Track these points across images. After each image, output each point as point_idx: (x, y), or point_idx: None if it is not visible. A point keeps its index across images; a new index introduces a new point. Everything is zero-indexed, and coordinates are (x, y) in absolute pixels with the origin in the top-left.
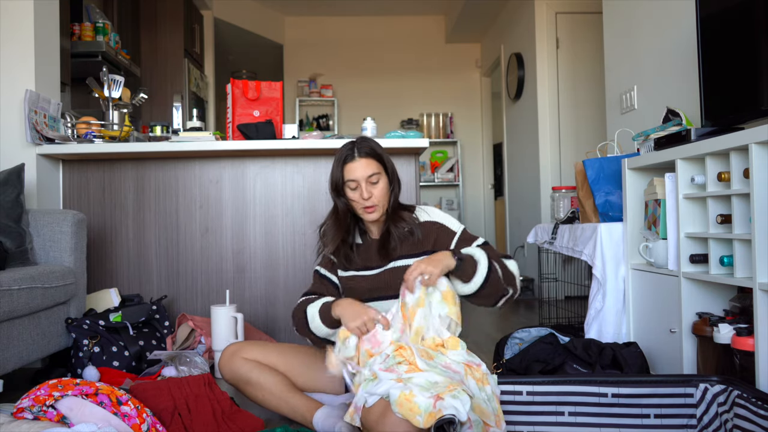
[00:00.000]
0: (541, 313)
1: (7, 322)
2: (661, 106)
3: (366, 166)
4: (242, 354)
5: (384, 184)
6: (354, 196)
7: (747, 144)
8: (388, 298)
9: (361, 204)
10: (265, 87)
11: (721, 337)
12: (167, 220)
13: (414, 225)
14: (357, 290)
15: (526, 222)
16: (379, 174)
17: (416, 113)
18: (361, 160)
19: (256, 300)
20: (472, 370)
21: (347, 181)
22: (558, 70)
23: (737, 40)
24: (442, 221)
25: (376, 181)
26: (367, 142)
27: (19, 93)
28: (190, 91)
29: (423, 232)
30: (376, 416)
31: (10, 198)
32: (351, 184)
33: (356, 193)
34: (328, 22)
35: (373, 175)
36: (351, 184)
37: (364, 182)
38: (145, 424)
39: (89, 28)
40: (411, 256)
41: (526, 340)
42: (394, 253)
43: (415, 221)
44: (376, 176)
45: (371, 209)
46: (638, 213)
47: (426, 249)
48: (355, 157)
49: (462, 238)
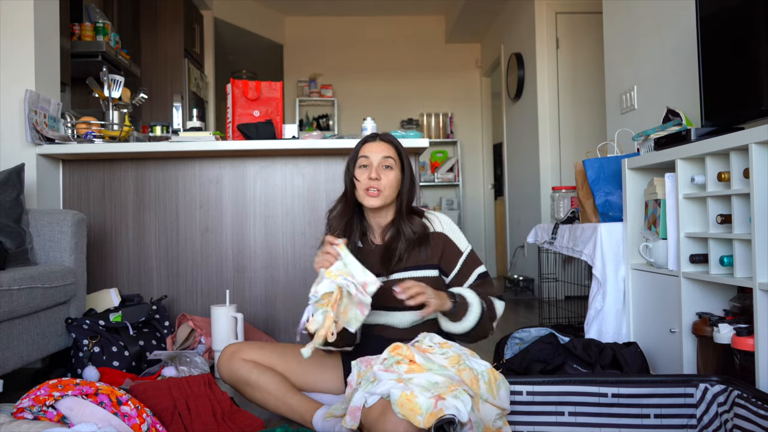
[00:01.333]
0: (541, 313)
1: (7, 322)
2: (661, 106)
3: (384, 148)
4: (241, 355)
5: (396, 175)
6: (361, 175)
7: (747, 144)
8: (391, 309)
9: (366, 184)
10: (265, 87)
11: (721, 337)
12: (167, 220)
13: (423, 234)
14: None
15: (526, 222)
16: (393, 162)
17: (416, 113)
18: (381, 143)
19: (256, 300)
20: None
21: (360, 156)
22: (558, 70)
23: (737, 40)
24: (451, 236)
25: (389, 167)
26: (391, 135)
27: (19, 93)
28: (190, 91)
29: (431, 244)
30: (375, 415)
31: (10, 198)
32: (363, 161)
33: (365, 171)
34: (328, 22)
35: (388, 158)
36: (363, 161)
37: (376, 163)
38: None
39: (89, 28)
40: (415, 268)
41: (526, 340)
42: (399, 264)
43: (426, 230)
44: (390, 162)
45: (374, 193)
46: (638, 213)
47: (432, 262)
48: (376, 139)
49: (467, 260)
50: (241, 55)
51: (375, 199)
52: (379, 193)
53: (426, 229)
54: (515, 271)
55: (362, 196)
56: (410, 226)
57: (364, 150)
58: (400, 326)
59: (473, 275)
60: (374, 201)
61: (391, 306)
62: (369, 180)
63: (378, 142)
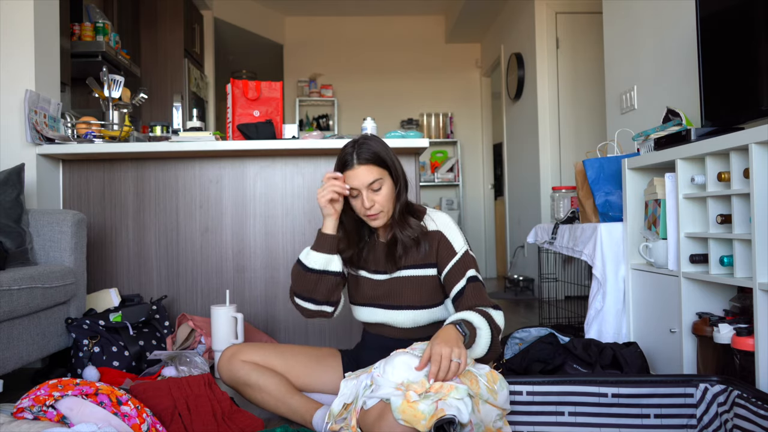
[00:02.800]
0: (541, 313)
1: (7, 322)
2: (661, 106)
3: (366, 173)
4: (240, 356)
5: (388, 188)
6: (356, 204)
7: (747, 144)
8: (392, 307)
9: (364, 212)
10: (265, 87)
11: (721, 337)
12: (167, 220)
13: (421, 234)
14: (362, 292)
15: (526, 222)
16: (381, 179)
17: (416, 113)
18: (360, 167)
19: (256, 300)
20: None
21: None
22: (558, 70)
23: (737, 40)
24: (447, 233)
25: (379, 188)
26: (369, 144)
27: (19, 93)
28: (190, 91)
29: (429, 243)
30: (373, 418)
31: (10, 198)
32: (352, 192)
33: (358, 201)
34: (328, 22)
35: (375, 181)
36: (352, 192)
37: (365, 190)
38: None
39: (89, 28)
40: (417, 267)
41: (526, 340)
42: (400, 261)
43: (423, 230)
44: (378, 182)
45: (375, 216)
46: (638, 213)
47: (431, 261)
48: (354, 165)
49: (459, 262)
50: (241, 55)
51: (379, 221)
52: (379, 213)
53: (423, 228)
54: (515, 271)
55: (366, 221)
56: (407, 229)
57: (348, 179)
58: (400, 326)
59: (464, 278)
60: (379, 222)
61: (391, 304)
62: (365, 209)
63: (357, 168)
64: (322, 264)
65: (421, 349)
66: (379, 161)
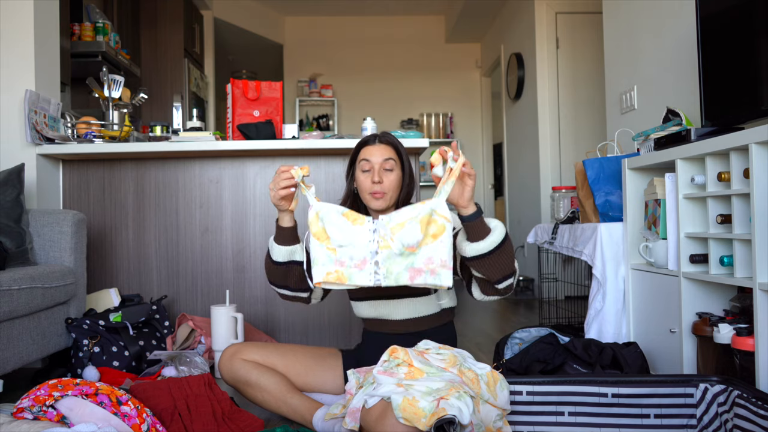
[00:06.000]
0: (541, 313)
1: (7, 322)
2: (661, 106)
3: (384, 150)
4: (241, 355)
5: (397, 176)
6: (364, 179)
7: (747, 144)
8: (385, 298)
9: (370, 188)
10: (265, 87)
11: (721, 337)
12: (167, 220)
13: None
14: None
15: (526, 222)
16: (394, 162)
17: (416, 113)
18: (380, 145)
19: (256, 300)
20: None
21: (361, 160)
22: (558, 70)
23: (737, 40)
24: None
25: (390, 169)
26: (390, 134)
27: (19, 93)
28: (190, 91)
29: None
30: (375, 417)
31: (10, 198)
32: (364, 165)
33: (367, 176)
34: (328, 22)
35: (389, 160)
36: (364, 165)
37: (378, 166)
38: (145, 424)
39: (89, 28)
40: None
41: (526, 340)
42: None
43: None
44: (392, 164)
45: (379, 195)
46: (638, 213)
47: None
48: (375, 142)
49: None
50: (241, 55)
51: (379, 202)
52: (383, 195)
53: None
54: None
55: (367, 198)
56: None
57: (365, 153)
58: (399, 318)
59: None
60: (379, 203)
61: (392, 294)
62: (372, 184)
63: (378, 145)
64: (286, 256)
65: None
66: (396, 149)
